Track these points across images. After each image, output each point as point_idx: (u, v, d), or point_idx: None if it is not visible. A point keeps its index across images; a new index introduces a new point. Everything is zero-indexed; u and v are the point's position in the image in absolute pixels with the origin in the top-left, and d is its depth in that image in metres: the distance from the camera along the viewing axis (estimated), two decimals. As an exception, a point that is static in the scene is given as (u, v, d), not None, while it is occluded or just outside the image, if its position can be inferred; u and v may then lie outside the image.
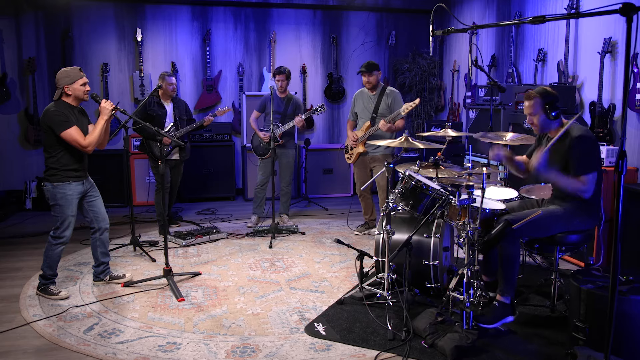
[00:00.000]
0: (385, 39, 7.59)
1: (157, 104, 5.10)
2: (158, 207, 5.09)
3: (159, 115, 5.07)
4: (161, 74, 5.13)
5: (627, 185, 3.81)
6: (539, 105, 3.10)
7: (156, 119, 5.03)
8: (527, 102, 3.15)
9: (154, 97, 5.09)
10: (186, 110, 5.34)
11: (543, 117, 3.11)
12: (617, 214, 2.03)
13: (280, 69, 5.47)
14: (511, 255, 3.06)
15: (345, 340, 2.97)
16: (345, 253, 4.58)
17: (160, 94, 5.13)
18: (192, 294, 3.69)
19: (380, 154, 4.99)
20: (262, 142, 5.51)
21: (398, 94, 5.00)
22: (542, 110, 3.10)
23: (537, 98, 3.10)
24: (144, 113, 4.99)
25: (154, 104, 5.08)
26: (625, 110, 2.10)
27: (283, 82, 5.41)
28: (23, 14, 6.56)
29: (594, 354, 2.49)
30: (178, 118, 5.19)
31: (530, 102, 3.13)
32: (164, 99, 5.16)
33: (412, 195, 3.53)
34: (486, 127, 4.52)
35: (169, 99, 5.18)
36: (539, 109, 3.11)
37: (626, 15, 1.94)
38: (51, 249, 3.58)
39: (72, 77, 3.53)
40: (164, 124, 5.10)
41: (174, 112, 5.18)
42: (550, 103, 3.08)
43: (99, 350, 2.87)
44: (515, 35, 5.77)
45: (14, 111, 6.60)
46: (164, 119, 5.11)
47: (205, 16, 7.07)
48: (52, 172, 3.54)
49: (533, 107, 3.12)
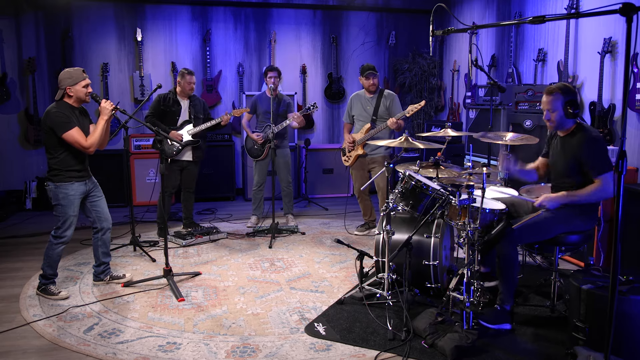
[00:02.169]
0: (385, 39, 7.59)
1: (172, 100, 4.98)
2: (159, 208, 5.05)
3: (172, 111, 4.97)
4: (181, 71, 4.99)
5: (627, 185, 3.81)
6: (559, 102, 3.02)
7: (169, 115, 4.95)
8: (547, 97, 3.06)
9: (171, 93, 4.99)
10: (204, 109, 5.19)
11: (562, 114, 3.04)
12: (617, 214, 2.03)
13: (272, 67, 5.42)
14: (510, 256, 3.06)
15: (345, 340, 2.97)
16: (345, 253, 4.58)
17: (178, 91, 5.01)
18: (192, 294, 3.69)
19: (379, 156, 4.99)
20: (255, 143, 5.49)
21: (396, 97, 5.01)
22: (562, 108, 3.03)
23: (559, 94, 3.01)
24: (157, 108, 4.92)
25: (170, 99, 4.97)
26: (625, 110, 2.10)
27: (275, 79, 5.33)
28: (23, 14, 6.56)
29: (594, 354, 2.49)
30: (194, 116, 5.05)
31: (550, 97, 3.04)
32: (181, 96, 5.02)
33: (412, 195, 3.53)
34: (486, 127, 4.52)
35: (186, 96, 5.05)
36: (559, 106, 3.03)
37: (626, 15, 1.93)
38: (52, 248, 3.59)
39: (75, 78, 3.53)
40: (176, 121, 4.99)
41: (190, 109, 5.05)
42: (571, 101, 3.01)
43: (99, 350, 2.87)
44: (515, 35, 5.77)
45: (14, 111, 6.60)
46: (178, 116, 4.99)
47: (205, 16, 7.07)
48: (54, 173, 3.54)
49: (553, 102, 3.03)
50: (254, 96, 5.68)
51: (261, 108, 5.47)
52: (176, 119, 5.00)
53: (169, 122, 4.96)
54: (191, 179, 5.23)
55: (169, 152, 4.93)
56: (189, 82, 4.97)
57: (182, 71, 5.00)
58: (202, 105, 5.20)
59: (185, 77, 4.95)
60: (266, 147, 5.43)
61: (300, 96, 7.36)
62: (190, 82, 4.98)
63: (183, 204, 5.32)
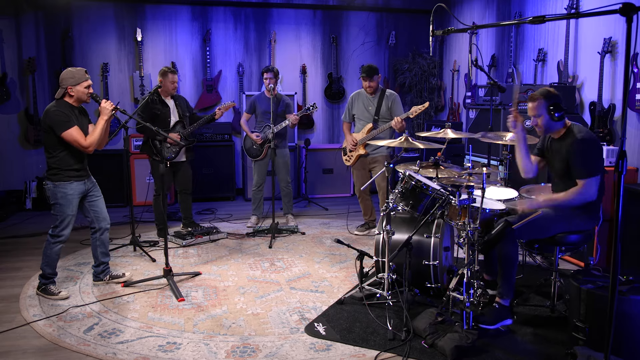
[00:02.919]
0: (385, 39, 7.60)
1: (158, 101, 4.87)
2: (156, 211, 5.02)
3: (163, 113, 4.87)
4: (163, 69, 4.86)
5: (627, 185, 3.82)
6: (543, 107, 3.07)
7: (161, 117, 4.84)
8: (531, 103, 3.12)
9: (154, 95, 4.84)
10: (187, 107, 5.13)
11: (547, 118, 3.08)
12: (617, 214, 2.03)
13: (269, 67, 5.37)
14: (510, 256, 3.07)
15: (345, 340, 2.97)
16: (345, 253, 4.58)
17: (160, 91, 4.88)
18: (192, 294, 3.69)
19: (380, 155, 4.99)
20: (254, 143, 5.48)
21: (397, 97, 4.99)
22: (546, 112, 3.07)
23: (541, 99, 3.07)
24: (148, 112, 4.79)
25: (156, 101, 4.85)
26: (625, 110, 2.10)
27: (271, 80, 5.28)
28: (23, 14, 6.56)
29: (594, 354, 2.49)
30: (182, 115, 4.98)
31: (534, 103, 3.10)
32: (164, 95, 4.92)
33: (412, 195, 3.53)
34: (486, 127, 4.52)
35: (170, 96, 4.96)
36: (543, 111, 3.08)
37: (626, 15, 1.93)
38: (50, 247, 3.59)
39: (77, 78, 3.53)
40: (169, 122, 4.90)
41: (177, 109, 4.97)
42: (555, 105, 3.06)
43: (99, 350, 2.87)
44: (515, 35, 5.77)
45: (14, 111, 6.60)
46: (169, 117, 4.91)
47: (205, 16, 7.07)
48: (53, 172, 3.54)
49: (537, 108, 3.09)
50: (252, 96, 5.67)
51: (260, 108, 5.46)
52: (168, 120, 4.89)
53: (161, 124, 4.74)
54: (187, 179, 5.18)
55: (169, 154, 4.90)
56: (172, 81, 4.87)
57: (164, 69, 4.86)
58: (185, 103, 5.11)
59: (167, 76, 4.83)
60: (265, 147, 5.42)
61: (300, 96, 7.36)
62: (173, 82, 4.88)
63: (181, 205, 5.29)
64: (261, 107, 5.45)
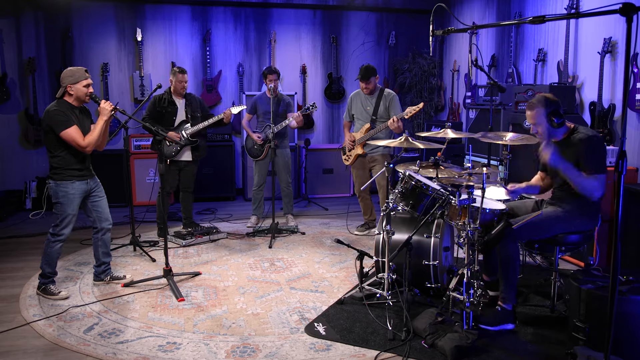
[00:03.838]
0: (385, 39, 7.59)
1: (168, 100, 4.90)
2: (158, 209, 5.04)
3: (168, 112, 4.90)
4: (173, 69, 4.92)
5: (627, 185, 3.81)
6: (542, 115, 3.04)
7: (165, 116, 4.89)
8: (529, 112, 3.10)
9: (166, 94, 4.91)
10: (201, 107, 5.11)
11: (547, 126, 3.06)
12: (617, 214, 2.03)
13: (272, 69, 5.37)
14: (510, 256, 3.06)
15: (345, 340, 2.97)
16: (345, 253, 4.58)
17: (172, 90, 4.94)
18: (192, 294, 3.69)
19: (379, 154, 4.99)
20: (255, 143, 5.48)
21: (396, 97, 4.99)
22: (546, 120, 3.05)
23: (540, 108, 3.04)
24: (153, 110, 4.86)
25: (165, 100, 4.89)
26: (625, 110, 2.10)
27: (275, 81, 5.27)
28: (23, 14, 6.56)
29: (594, 354, 2.49)
30: (191, 115, 4.98)
31: (532, 112, 3.08)
32: (176, 95, 4.95)
33: (412, 195, 3.53)
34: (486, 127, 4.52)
35: (181, 95, 4.97)
36: (542, 119, 3.05)
37: (626, 15, 1.93)
38: (50, 245, 3.59)
39: (77, 77, 3.53)
40: (173, 122, 4.92)
41: (186, 109, 4.97)
42: (554, 111, 3.02)
43: (99, 350, 2.87)
44: (515, 35, 5.77)
45: (14, 111, 6.60)
46: (174, 116, 4.92)
47: (205, 16, 7.07)
48: (55, 171, 3.55)
49: (535, 117, 3.07)
50: (254, 96, 5.67)
51: (261, 108, 5.46)
52: (173, 119, 4.93)
53: (166, 123, 4.88)
54: (189, 179, 5.19)
55: (168, 153, 4.92)
56: (181, 80, 4.89)
57: (173, 69, 4.92)
58: (198, 103, 5.11)
59: (177, 76, 4.87)
60: (265, 147, 5.42)
61: (300, 96, 7.36)
62: (181, 81, 4.89)
63: (182, 204, 5.30)
64: (262, 107, 5.45)
